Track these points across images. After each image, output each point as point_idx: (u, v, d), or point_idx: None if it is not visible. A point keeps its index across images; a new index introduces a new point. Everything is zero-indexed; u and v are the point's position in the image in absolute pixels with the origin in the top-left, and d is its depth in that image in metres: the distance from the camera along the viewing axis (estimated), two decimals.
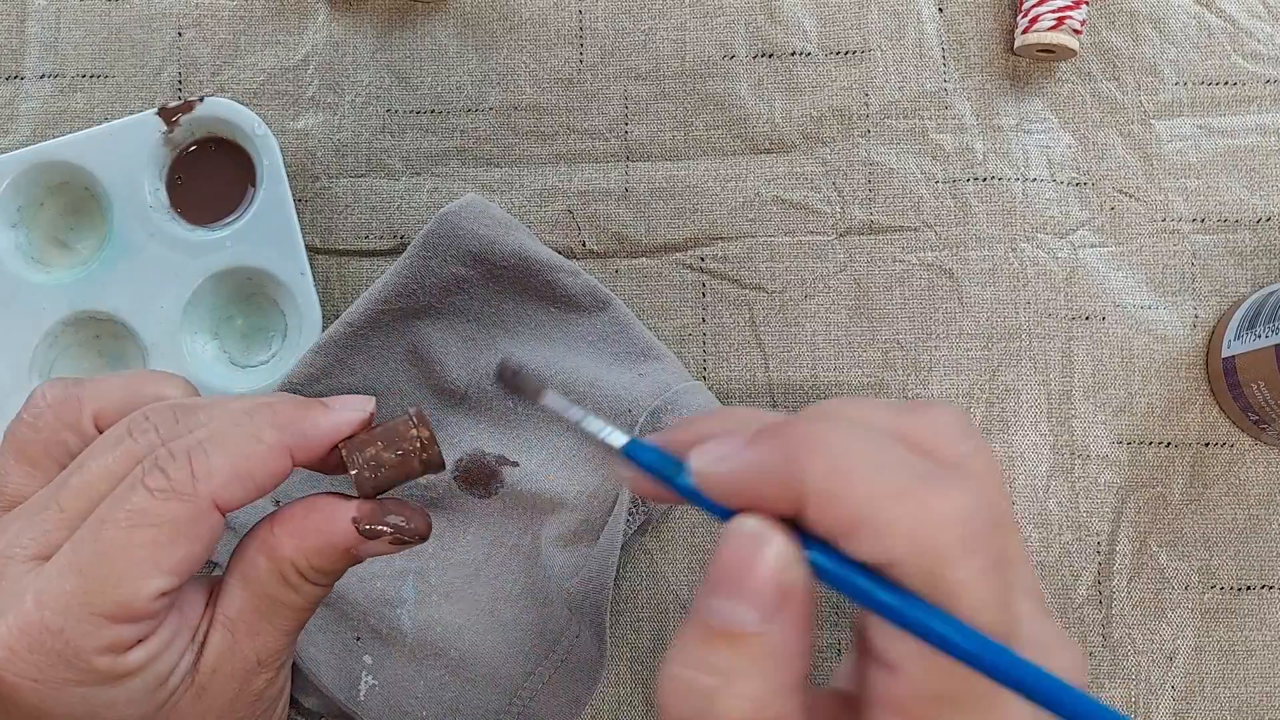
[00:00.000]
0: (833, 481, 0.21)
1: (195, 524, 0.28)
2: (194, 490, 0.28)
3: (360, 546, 0.30)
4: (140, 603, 0.28)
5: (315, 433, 0.30)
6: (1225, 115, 0.44)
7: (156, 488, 0.28)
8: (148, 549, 0.28)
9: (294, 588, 0.30)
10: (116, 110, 0.44)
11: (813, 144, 0.44)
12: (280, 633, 0.31)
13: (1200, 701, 0.41)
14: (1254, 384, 0.40)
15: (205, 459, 0.29)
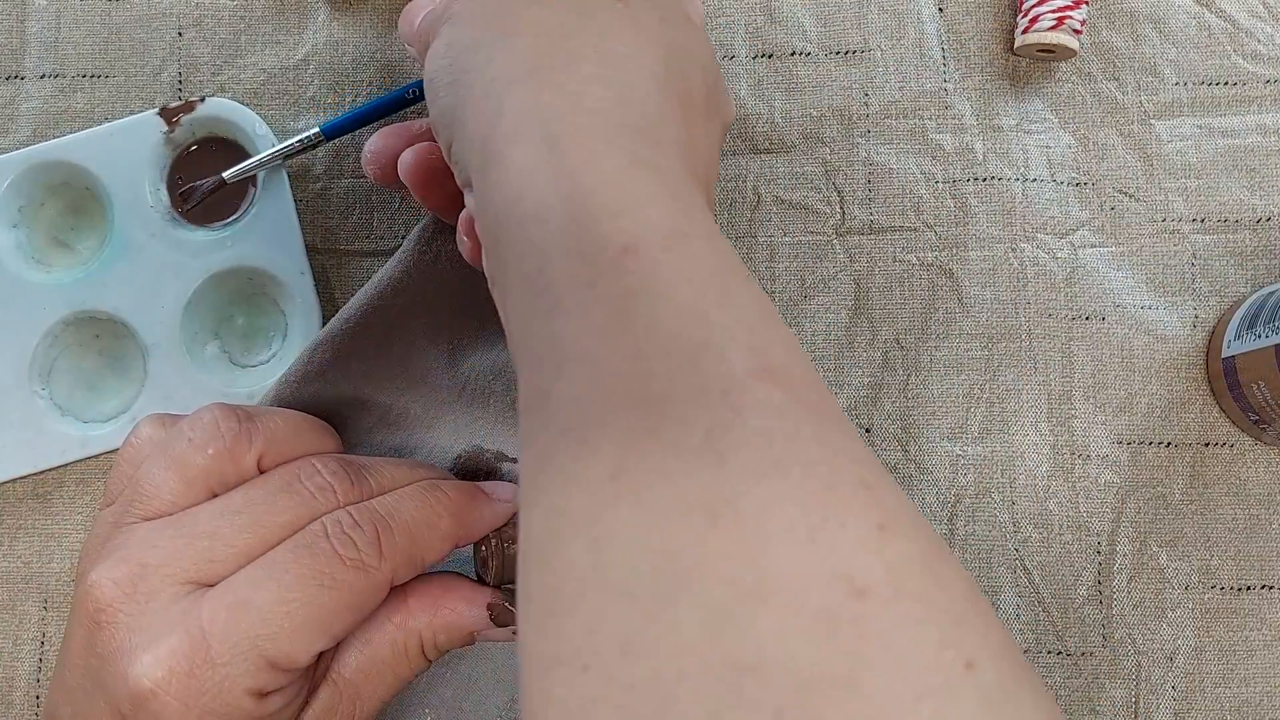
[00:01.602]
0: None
1: (369, 597, 0.29)
2: (379, 566, 0.29)
3: (486, 632, 0.31)
4: (301, 659, 0.29)
5: (480, 525, 0.31)
6: (1225, 115, 0.44)
7: (347, 555, 0.29)
8: (324, 611, 0.28)
9: (411, 660, 0.31)
10: (117, 110, 0.44)
11: (813, 144, 0.44)
12: (379, 701, 0.31)
13: (1200, 701, 0.41)
14: (1254, 384, 0.40)
15: (391, 537, 0.30)
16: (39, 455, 0.41)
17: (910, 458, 0.43)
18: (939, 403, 0.43)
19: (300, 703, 0.30)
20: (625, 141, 0.25)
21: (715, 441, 0.20)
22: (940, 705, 0.18)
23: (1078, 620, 0.42)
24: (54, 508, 0.42)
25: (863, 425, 0.43)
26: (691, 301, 0.22)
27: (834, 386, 0.43)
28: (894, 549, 0.20)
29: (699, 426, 0.20)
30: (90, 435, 0.41)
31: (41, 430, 0.41)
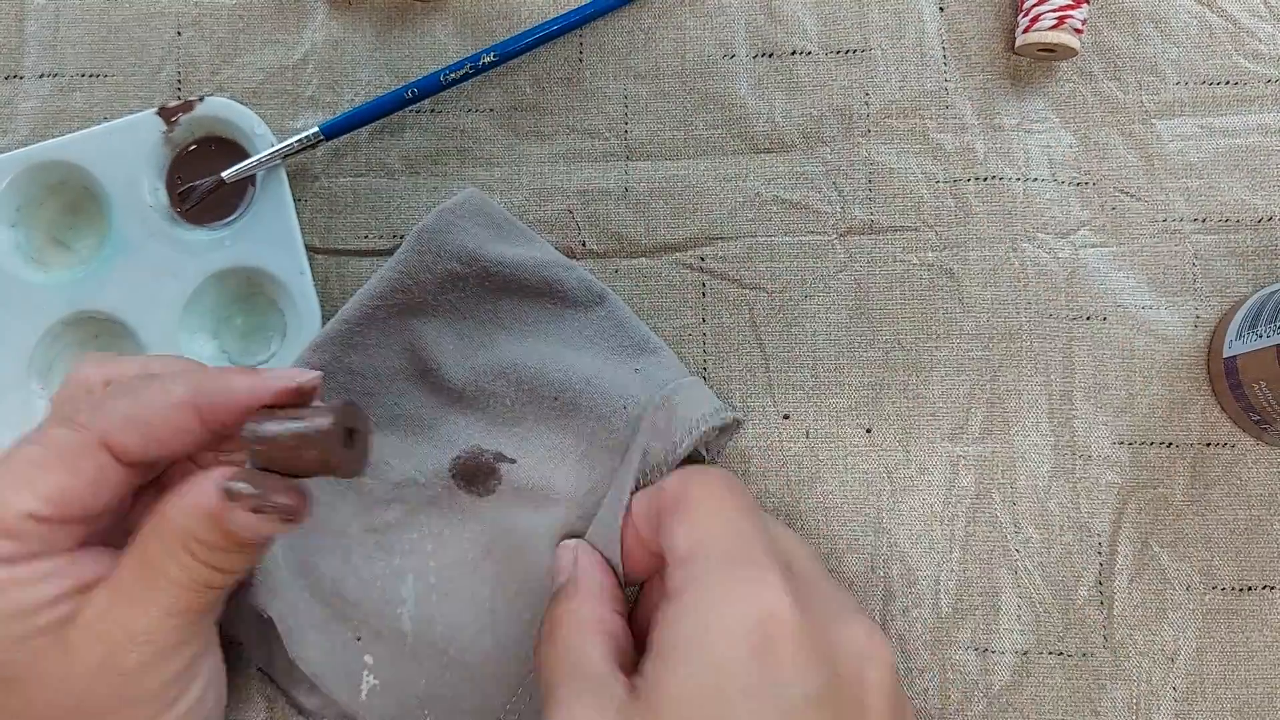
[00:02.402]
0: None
1: (77, 456, 0.29)
2: (87, 423, 0.29)
3: (228, 515, 0.29)
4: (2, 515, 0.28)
5: (225, 396, 0.29)
6: (1227, 115, 0.44)
7: (56, 415, 0.29)
8: (25, 467, 0.28)
9: (173, 556, 0.29)
10: (116, 110, 0.44)
11: (813, 144, 0.44)
12: (158, 609, 0.29)
13: (1202, 702, 0.41)
14: (1255, 384, 0.40)
15: (110, 402, 0.29)
16: None
17: (911, 458, 0.43)
18: (939, 403, 0.43)
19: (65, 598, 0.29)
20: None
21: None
22: None
23: (1079, 621, 0.42)
24: None
25: (863, 425, 0.43)
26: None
27: (834, 386, 0.43)
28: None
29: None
30: None
31: None
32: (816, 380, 0.43)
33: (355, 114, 0.43)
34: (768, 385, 0.43)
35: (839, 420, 0.43)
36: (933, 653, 0.42)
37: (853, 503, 0.42)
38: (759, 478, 0.43)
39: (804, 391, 0.43)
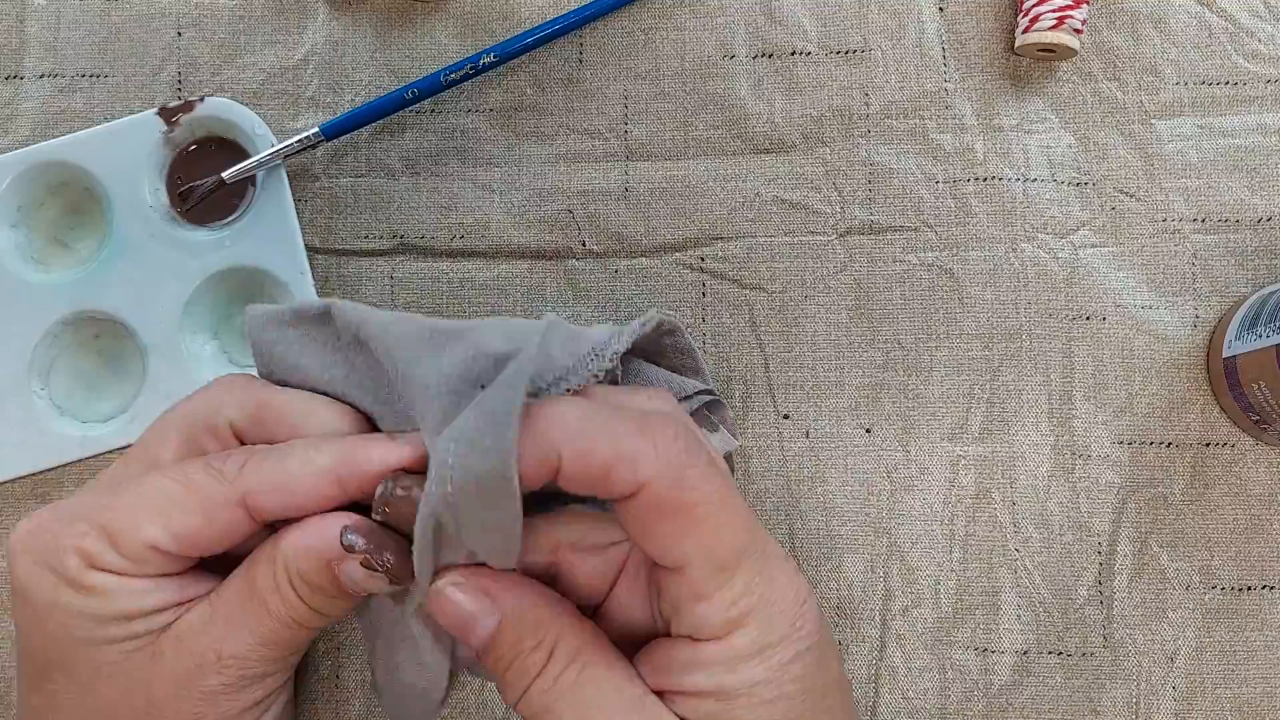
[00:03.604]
0: (580, 440, 0.26)
1: (217, 506, 0.29)
2: (232, 477, 0.29)
3: (341, 565, 0.29)
4: (129, 537, 0.29)
5: (367, 465, 0.30)
6: (1226, 115, 0.44)
7: (206, 464, 0.30)
8: (162, 500, 0.29)
9: (278, 590, 0.29)
10: (116, 110, 0.44)
11: (813, 144, 0.44)
12: (251, 636, 0.30)
13: (1201, 702, 0.41)
14: (1255, 384, 0.40)
15: (259, 461, 0.30)
16: (38, 455, 0.41)
17: (911, 458, 0.43)
18: (939, 403, 0.43)
19: (167, 610, 0.30)
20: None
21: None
22: None
23: (1078, 620, 0.42)
24: None
25: (863, 425, 0.43)
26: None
27: (834, 386, 0.43)
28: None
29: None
30: (89, 435, 0.41)
31: (41, 430, 0.41)
32: (816, 380, 0.43)
33: (355, 114, 0.43)
34: (768, 385, 0.43)
35: (839, 420, 0.43)
36: (933, 653, 0.42)
37: (853, 503, 0.43)
38: (759, 478, 0.43)
39: (804, 391, 0.43)
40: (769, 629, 0.27)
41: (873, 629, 0.42)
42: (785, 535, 0.42)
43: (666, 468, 0.26)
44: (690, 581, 0.27)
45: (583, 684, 0.27)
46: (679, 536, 0.27)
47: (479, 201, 0.44)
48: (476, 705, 0.42)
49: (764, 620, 0.27)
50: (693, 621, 0.27)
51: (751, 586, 0.27)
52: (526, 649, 0.28)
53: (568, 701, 0.27)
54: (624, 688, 0.28)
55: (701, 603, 0.27)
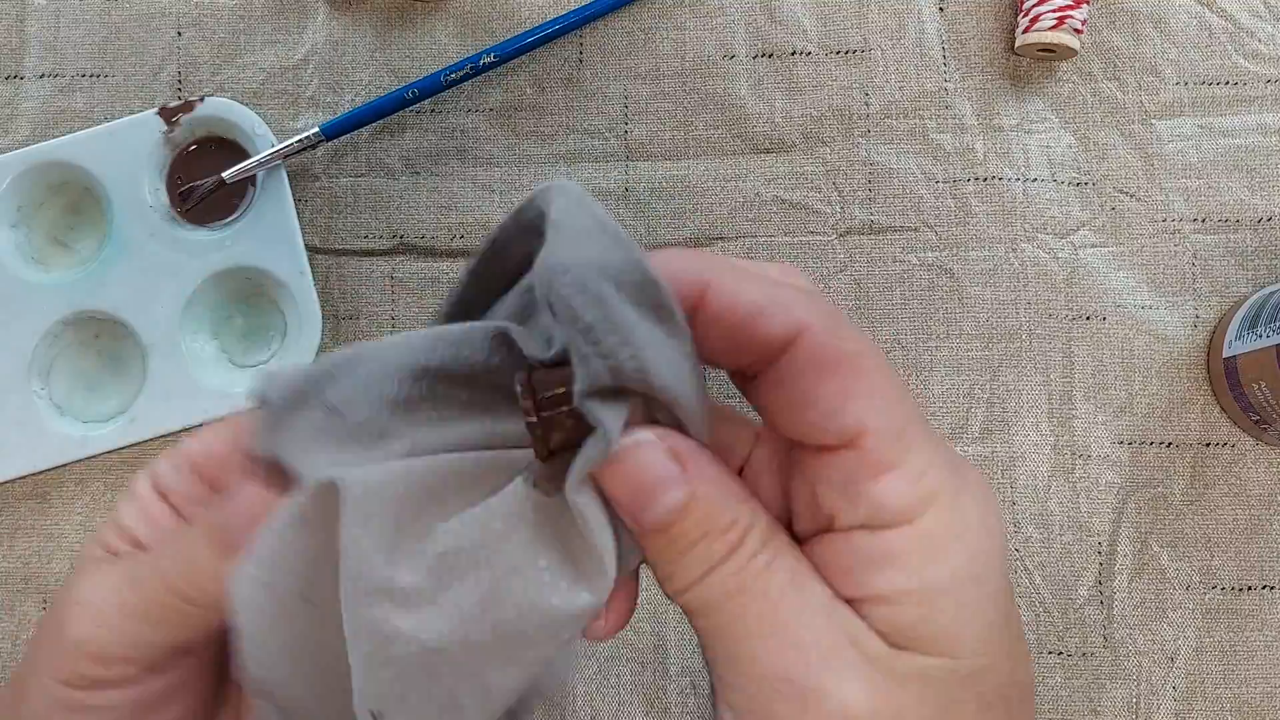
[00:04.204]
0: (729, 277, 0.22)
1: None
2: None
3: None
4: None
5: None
6: (1226, 115, 0.44)
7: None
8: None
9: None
10: (116, 110, 0.44)
11: (813, 144, 0.44)
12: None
13: (1201, 702, 0.41)
14: (1255, 384, 0.40)
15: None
16: (38, 455, 0.41)
17: None
18: (939, 403, 0.43)
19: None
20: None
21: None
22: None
23: (1078, 620, 0.42)
24: (53, 508, 0.42)
25: None
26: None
27: None
28: None
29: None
30: (89, 435, 0.41)
31: (41, 430, 0.41)
32: None
33: (355, 114, 0.43)
34: None
35: None
36: None
37: None
38: None
39: None
40: (963, 510, 0.22)
41: None
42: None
43: (826, 315, 0.22)
44: (866, 453, 0.22)
45: (775, 574, 0.23)
46: (847, 396, 0.22)
47: (479, 201, 0.44)
48: None
49: (954, 498, 0.22)
50: (872, 505, 0.22)
51: (933, 462, 0.22)
52: (720, 527, 0.23)
53: (757, 590, 0.22)
54: (815, 587, 0.23)
55: (884, 477, 0.22)
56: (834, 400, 0.22)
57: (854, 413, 0.22)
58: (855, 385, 0.22)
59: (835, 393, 0.22)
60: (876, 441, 0.22)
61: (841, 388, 0.22)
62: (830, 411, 0.22)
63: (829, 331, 0.22)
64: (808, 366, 0.22)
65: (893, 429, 0.22)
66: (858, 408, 0.22)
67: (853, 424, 0.22)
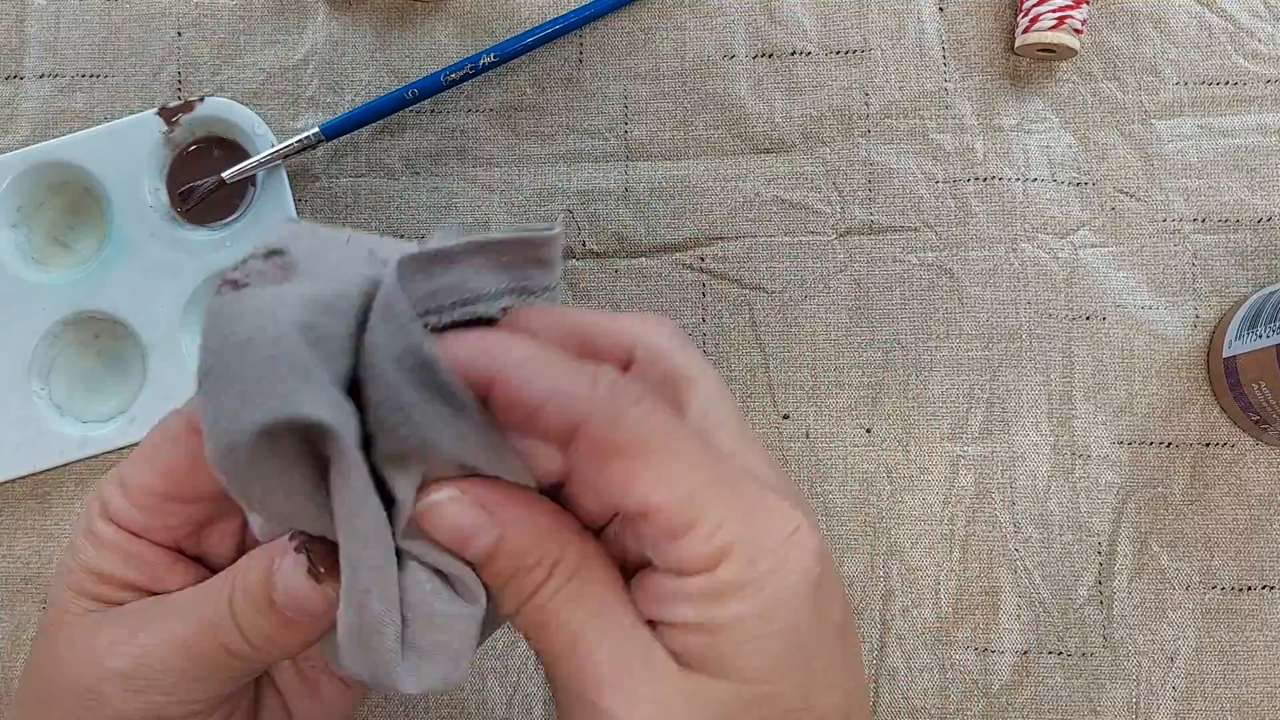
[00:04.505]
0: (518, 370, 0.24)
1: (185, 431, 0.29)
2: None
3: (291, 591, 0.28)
4: (133, 482, 0.29)
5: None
6: (1226, 115, 0.44)
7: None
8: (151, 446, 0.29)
9: (219, 590, 0.29)
10: (116, 110, 0.44)
11: (813, 144, 0.44)
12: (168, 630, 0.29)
13: (1201, 702, 0.41)
14: (1255, 384, 0.40)
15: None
16: (38, 455, 0.41)
17: (910, 458, 0.43)
18: (939, 403, 0.43)
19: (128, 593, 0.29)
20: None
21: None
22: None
23: (1078, 620, 0.42)
24: (53, 508, 0.42)
25: (863, 425, 0.43)
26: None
27: (834, 386, 0.43)
28: None
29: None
30: (90, 435, 0.41)
31: (41, 430, 0.41)
32: (816, 380, 0.43)
33: (355, 114, 0.43)
34: (768, 385, 0.43)
35: (839, 420, 0.43)
36: (933, 653, 0.42)
37: (853, 503, 0.43)
38: None
39: (804, 391, 0.43)
40: (754, 562, 0.24)
41: (873, 629, 0.42)
42: None
43: (602, 404, 0.24)
44: (658, 523, 0.24)
45: (579, 605, 0.26)
46: (629, 480, 0.24)
47: (479, 201, 0.44)
48: (476, 705, 0.42)
49: (748, 553, 0.24)
50: (674, 559, 0.25)
51: (728, 518, 0.24)
52: (527, 565, 0.26)
53: (561, 621, 0.26)
54: (618, 614, 0.26)
55: (677, 540, 0.24)
56: (616, 486, 0.24)
57: (637, 495, 0.24)
58: (636, 468, 0.24)
59: (617, 479, 0.24)
60: (666, 514, 0.24)
61: (623, 473, 0.24)
62: (621, 494, 0.24)
63: (607, 425, 0.24)
64: (590, 458, 0.24)
65: (679, 500, 0.24)
66: (641, 490, 0.24)
67: (636, 505, 0.24)
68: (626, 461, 0.24)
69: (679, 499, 0.24)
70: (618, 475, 0.24)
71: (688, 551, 0.24)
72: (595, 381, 0.24)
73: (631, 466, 0.24)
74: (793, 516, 0.25)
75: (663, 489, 0.24)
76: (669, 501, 0.24)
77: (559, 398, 0.24)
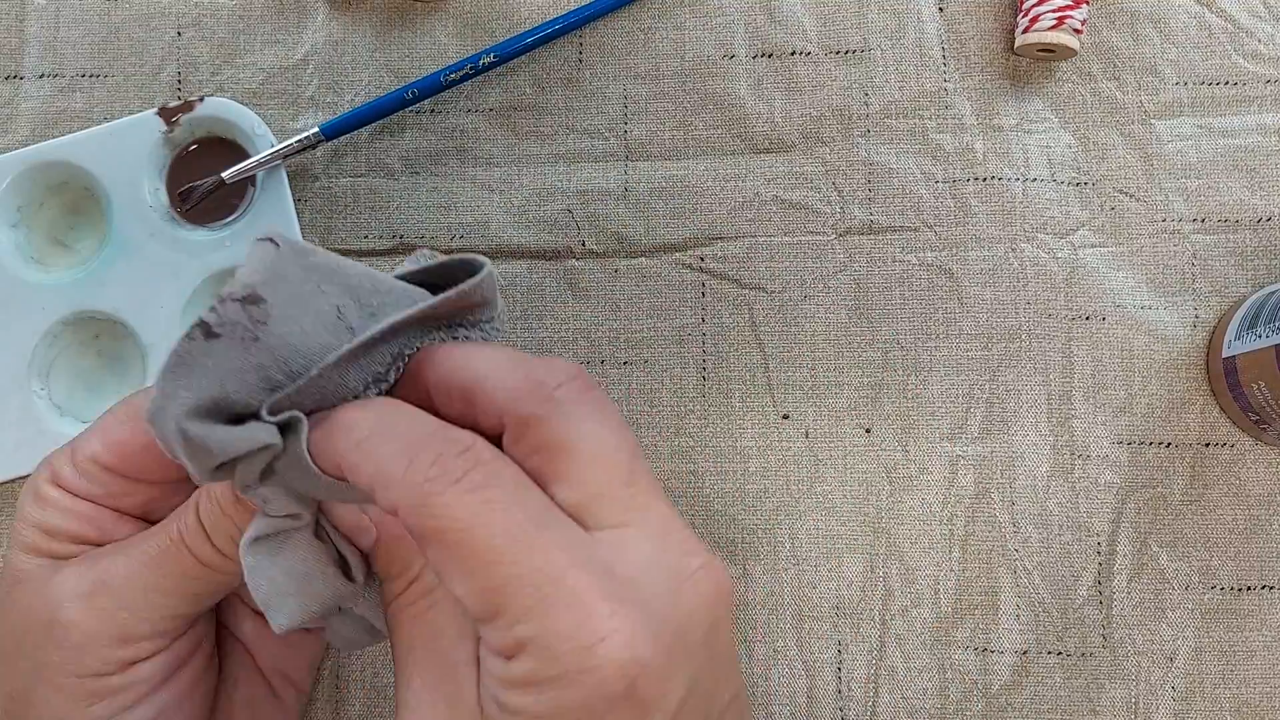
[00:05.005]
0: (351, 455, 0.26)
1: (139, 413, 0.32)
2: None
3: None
4: (81, 453, 0.32)
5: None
6: (1225, 115, 0.44)
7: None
8: (107, 420, 0.32)
9: (184, 513, 0.31)
10: (116, 110, 0.44)
11: (813, 144, 0.44)
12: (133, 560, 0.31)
13: (1200, 702, 0.41)
14: (1255, 384, 0.40)
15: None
16: (38, 455, 0.41)
17: (910, 458, 0.43)
18: (939, 403, 0.43)
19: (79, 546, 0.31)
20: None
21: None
22: None
23: (1078, 620, 0.42)
24: None
25: (863, 425, 0.43)
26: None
27: (834, 386, 0.43)
28: None
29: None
30: None
31: (41, 430, 0.41)
32: (816, 380, 0.43)
33: (355, 114, 0.43)
34: (767, 385, 0.43)
35: (839, 420, 0.43)
36: (932, 653, 0.42)
37: (852, 503, 0.43)
38: (758, 478, 0.43)
39: (804, 391, 0.43)
40: (548, 664, 0.24)
41: (872, 629, 0.42)
42: (785, 535, 0.42)
43: (411, 492, 0.24)
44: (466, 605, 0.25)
45: (419, 624, 0.28)
46: (439, 563, 0.25)
47: (479, 201, 0.44)
48: None
49: (542, 653, 0.24)
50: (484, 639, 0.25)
51: (523, 618, 0.24)
52: (393, 572, 0.28)
53: (404, 633, 0.28)
54: (454, 646, 0.27)
55: (481, 625, 0.25)
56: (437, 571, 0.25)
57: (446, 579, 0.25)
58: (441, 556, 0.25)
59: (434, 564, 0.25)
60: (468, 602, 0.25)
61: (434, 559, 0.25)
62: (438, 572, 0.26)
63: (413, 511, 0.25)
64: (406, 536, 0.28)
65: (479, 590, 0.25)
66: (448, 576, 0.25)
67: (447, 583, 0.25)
68: (434, 549, 0.25)
69: (478, 589, 0.24)
70: (433, 560, 0.25)
71: (490, 638, 0.25)
72: (410, 466, 0.25)
73: (438, 554, 0.24)
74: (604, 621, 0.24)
75: (465, 579, 0.24)
76: (469, 592, 0.24)
77: (380, 482, 0.25)
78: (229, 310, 0.25)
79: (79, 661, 0.30)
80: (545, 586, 0.24)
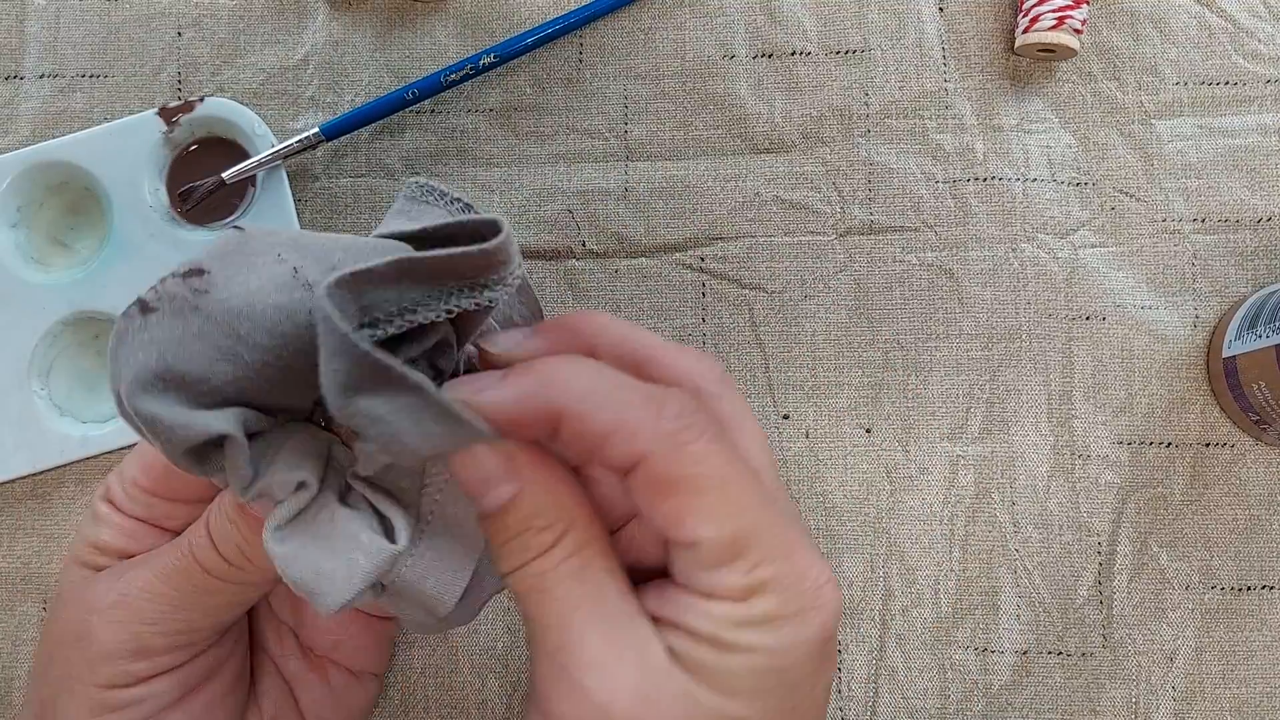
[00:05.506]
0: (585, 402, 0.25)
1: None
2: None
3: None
4: (125, 475, 0.34)
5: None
6: (1226, 115, 0.44)
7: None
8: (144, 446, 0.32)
9: (201, 523, 0.32)
10: (116, 110, 0.44)
11: (813, 144, 0.44)
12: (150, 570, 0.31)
13: (1200, 702, 0.41)
14: (1255, 384, 0.40)
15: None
16: (38, 455, 0.41)
17: (910, 458, 0.43)
18: (939, 403, 0.43)
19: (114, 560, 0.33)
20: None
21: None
22: None
23: (1078, 620, 0.42)
24: (53, 508, 0.42)
25: (863, 425, 0.43)
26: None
27: (834, 386, 0.43)
28: None
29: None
30: (89, 435, 0.41)
31: (41, 430, 0.41)
32: (816, 380, 0.43)
33: (355, 114, 0.43)
34: (767, 385, 0.43)
35: (839, 420, 0.43)
36: (932, 653, 0.42)
37: (852, 503, 0.43)
38: None
39: (804, 391, 0.43)
40: (790, 600, 0.25)
41: (872, 629, 0.42)
42: None
43: (665, 440, 0.25)
44: (700, 557, 0.25)
45: (580, 579, 0.26)
46: (682, 514, 0.25)
47: (479, 201, 0.44)
48: (477, 705, 0.42)
49: (785, 592, 0.25)
50: (706, 584, 0.26)
51: (768, 560, 0.25)
52: (536, 526, 0.26)
53: (562, 590, 0.26)
54: (619, 599, 0.26)
55: (715, 572, 0.25)
56: (669, 518, 0.25)
57: (689, 528, 0.25)
58: (691, 504, 0.25)
59: (670, 512, 0.25)
60: (711, 547, 0.25)
61: (676, 507, 0.25)
62: (670, 525, 0.25)
63: (668, 459, 0.25)
64: (647, 489, 0.25)
65: (727, 536, 0.25)
66: (692, 524, 0.25)
67: (685, 537, 0.25)
68: (682, 497, 0.25)
69: (727, 535, 0.25)
70: (672, 508, 0.25)
71: (725, 581, 0.25)
72: (660, 414, 0.25)
73: (686, 501, 0.25)
74: (825, 569, 0.26)
75: (714, 525, 0.25)
76: (717, 537, 0.25)
77: (624, 430, 0.25)
78: (167, 285, 0.25)
79: (97, 672, 0.31)
80: (788, 532, 0.26)
